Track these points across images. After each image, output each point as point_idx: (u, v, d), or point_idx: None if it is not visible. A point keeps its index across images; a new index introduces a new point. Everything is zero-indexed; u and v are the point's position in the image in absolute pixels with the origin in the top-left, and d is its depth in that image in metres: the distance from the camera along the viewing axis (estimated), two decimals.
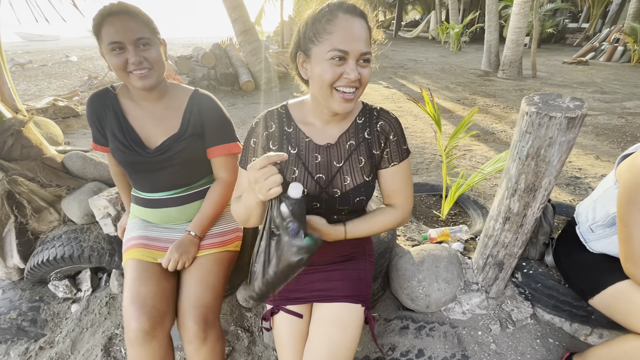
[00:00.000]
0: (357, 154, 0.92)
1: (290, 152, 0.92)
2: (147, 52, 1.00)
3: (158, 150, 1.13)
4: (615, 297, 1.05)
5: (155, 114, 1.14)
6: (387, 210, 0.97)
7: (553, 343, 1.36)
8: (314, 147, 0.92)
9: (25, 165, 1.57)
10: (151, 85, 1.03)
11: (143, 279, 1.07)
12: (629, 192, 0.95)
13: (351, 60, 0.76)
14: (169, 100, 1.15)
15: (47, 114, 4.04)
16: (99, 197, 1.57)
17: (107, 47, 0.96)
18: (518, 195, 1.16)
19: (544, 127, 0.99)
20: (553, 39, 14.46)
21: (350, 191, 0.92)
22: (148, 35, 0.99)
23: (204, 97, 1.17)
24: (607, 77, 7.22)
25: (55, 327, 1.61)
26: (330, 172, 0.92)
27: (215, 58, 6.39)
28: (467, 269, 1.49)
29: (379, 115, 0.93)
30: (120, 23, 0.95)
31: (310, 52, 0.79)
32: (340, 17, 0.75)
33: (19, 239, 1.63)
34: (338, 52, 0.75)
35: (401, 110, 4.95)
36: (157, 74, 1.04)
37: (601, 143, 3.61)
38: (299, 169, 0.92)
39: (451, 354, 1.28)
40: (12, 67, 9.16)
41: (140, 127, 1.14)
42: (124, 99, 1.14)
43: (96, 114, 1.13)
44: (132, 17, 0.97)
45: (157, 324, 0.99)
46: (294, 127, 0.93)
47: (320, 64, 0.77)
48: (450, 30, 11.77)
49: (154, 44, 1.02)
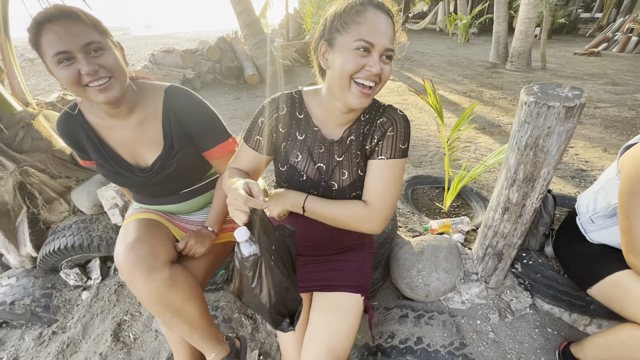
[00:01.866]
0: (355, 148, 0.93)
1: (297, 137, 0.94)
2: (102, 58, 0.84)
3: (150, 172, 1.05)
4: (613, 286, 1.06)
5: (132, 131, 1.02)
6: (357, 203, 0.90)
7: (551, 332, 1.37)
8: (321, 137, 0.94)
9: (36, 157, 1.62)
10: (115, 97, 0.88)
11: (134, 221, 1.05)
12: (631, 183, 0.95)
13: (375, 54, 0.77)
14: (143, 110, 1.01)
15: (56, 108, 4.10)
16: (106, 188, 1.61)
17: (52, 59, 0.81)
18: (517, 186, 1.16)
19: (542, 116, 0.99)
20: (565, 29, 14.09)
21: (347, 187, 0.93)
22: (98, 39, 0.84)
23: (178, 96, 1.02)
24: (620, 69, 7.04)
25: (67, 313, 1.67)
26: (331, 165, 0.94)
27: (220, 52, 6.40)
28: (467, 260, 1.51)
29: (384, 112, 0.91)
30: (62, 29, 0.79)
31: (335, 42, 0.79)
32: (369, 11, 0.77)
33: (31, 229, 1.69)
34: (364, 43, 0.76)
35: (406, 103, 4.92)
36: (119, 83, 0.89)
37: (610, 135, 3.55)
38: (302, 154, 0.94)
39: (449, 342, 1.30)
40: (21, 62, 9.29)
41: (122, 149, 1.04)
42: (93, 118, 1.01)
43: (70, 138, 1.03)
44: (74, 20, 0.81)
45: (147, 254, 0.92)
46: (305, 114, 0.94)
47: (344, 54, 0.78)
48: (458, 21, 11.56)
49: (107, 48, 0.86)
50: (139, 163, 1.07)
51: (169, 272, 0.94)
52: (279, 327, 0.78)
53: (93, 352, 1.46)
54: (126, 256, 0.91)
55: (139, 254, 0.91)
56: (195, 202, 1.23)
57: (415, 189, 2.35)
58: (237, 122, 4.41)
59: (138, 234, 0.97)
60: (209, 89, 6.09)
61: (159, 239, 1.01)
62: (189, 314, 0.98)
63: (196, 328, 1.01)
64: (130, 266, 0.90)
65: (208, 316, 1.06)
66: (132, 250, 0.91)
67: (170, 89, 1.03)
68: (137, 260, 0.90)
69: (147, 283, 0.90)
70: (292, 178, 0.95)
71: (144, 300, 0.94)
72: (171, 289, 0.93)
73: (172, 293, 0.93)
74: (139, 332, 1.54)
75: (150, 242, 0.96)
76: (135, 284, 0.91)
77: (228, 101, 5.45)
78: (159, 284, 0.91)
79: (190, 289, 0.99)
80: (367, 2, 0.78)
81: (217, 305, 1.52)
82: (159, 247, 0.98)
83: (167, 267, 0.94)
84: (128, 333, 1.54)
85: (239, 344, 1.18)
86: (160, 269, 0.92)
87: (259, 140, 0.95)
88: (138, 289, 0.91)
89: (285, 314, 0.78)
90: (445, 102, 4.89)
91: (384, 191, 0.88)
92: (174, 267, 0.97)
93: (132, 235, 0.96)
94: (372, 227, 0.89)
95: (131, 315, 1.61)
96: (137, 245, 0.93)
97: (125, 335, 1.53)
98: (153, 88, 1.03)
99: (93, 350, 1.47)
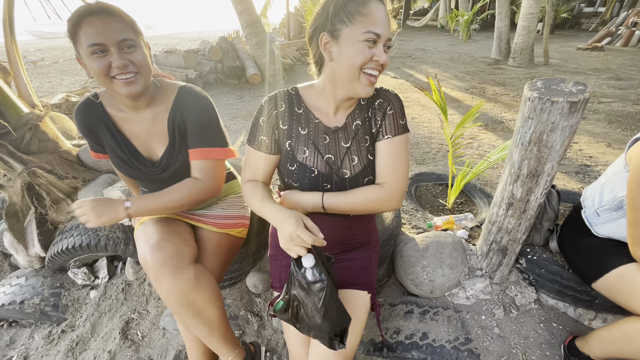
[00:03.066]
0: (363, 133, 0.95)
1: (300, 133, 0.95)
2: (133, 54, 0.91)
3: (158, 167, 1.09)
4: (618, 280, 1.06)
5: (146, 125, 1.06)
6: (372, 187, 0.93)
7: (557, 327, 1.37)
8: (323, 128, 0.94)
9: (43, 158, 1.64)
10: (137, 91, 0.94)
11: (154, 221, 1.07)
12: None
13: (380, 44, 0.80)
14: (158, 105, 1.06)
15: (61, 109, 4.14)
16: (112, 188, 1.63)
17: (87, 50, 0.87)
18: (521, 181, 1.17)
19: (546, 112, 0.99)
20: (567, 24, 13.99)
21: (360, 172, 0.94)
22: (132, 37, 0.91)
23: (189, 96, 1.05)
24: (624, 63, 6.99)
25: (75, 311, 1.69)
26: (339, 153, 0.95)
27: (222, 51, 6.42)
28: (472, 255, 1.51)
29: (378, 94, 0.95)
30: (101, 23, 0.86)
31: (340, 34, 0.80)
32: (373, 2, 0.78)
33: (40, 229, 1.72)
34: (372, 35, 0.78)
35: (409, 101, 4.91)
36: (144, 79, 0.95)
37: (614, 130, 3.53)
38: (309, 149, 0.95)
39: (454, 337, 1.31)
40: (25, 65, 9.35)
41: (137, 141, 1.08)
42: (112, 109, 1.06)
43: (86, 126, 1.07)
44: (114, 17, 0.88)
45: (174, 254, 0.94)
46: (304, 109, 0.95)
47: (353, 45, 0.79)
48: (459, 18, 11.51)
49: (139, 46, 0.93)
50: (151, 156, 1.11)
51: (193, 271, 0.95)
52: (332, 347, 0.81)
53: (102, 349, 1.48)
54: (153, 255, 0.92)
55: (165, 253, 0.93)
56: None
57: (419, 186, 2.35)
58: (240, 121, 4.43)
59: (162, 234, 0.98)
60: (211, 88, 6.11)
61: (182, 239, 1.03)
62: (209, 315, 1.00)
63: (215, 330, 1.03)
64: (157, 265, 0.91)
65: (226, 319, 1.07)
66: (158, 250, 0.93)
67: (184, 87, 1.07)
68: (164, 260, 0.92)
69: (172, 282, 0.92)
70: (303, 176, 0.95)
71: (167, 300, 0.95)
72: (194, 289, 0.95)
73: (194, 293, 0.95)
74: (146, 329, 1.56)
75: (174, 242, 0.98)
76: (161, 282, 0.92)
77: (230, 101, 5.47)
78: (183, 283, 0.93)
79: (212, 290, 1.00)
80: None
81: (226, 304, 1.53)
82: (183, 246, 1.00)
83: (192, 267, 0.96)
84: (136, 331, 1.56)
85: (253, 350, 1.19)
86: (185, 268, 0.94)
87: (263, 140, 0.95)
88: (163, 288, 0.93)
89: (338, 334, 0.81)
90: (448, 99, 4.88)
91: (396, 168, 0.92)
92: (197, 267, 0.99)
93: (155, 235, 0.98)
94: (393, 204, 0.93)
95: (139, 313, 1.63)
96: (163, 245, 0.95)
97: (134, 333, 1.55)
98: (170, 85, 1.08)
99: (102, 348, 1.49)
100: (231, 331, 1.10)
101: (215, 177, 1.07)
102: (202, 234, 1.19)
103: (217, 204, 1.29)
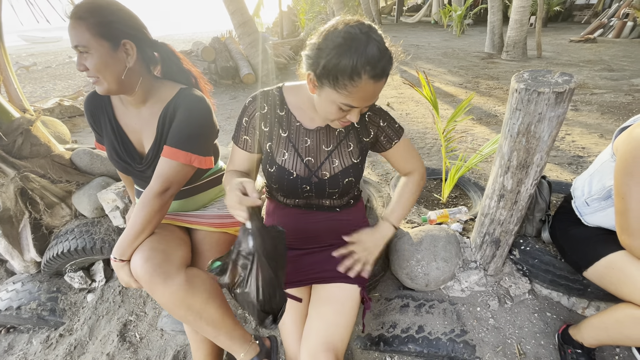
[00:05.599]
0: (347, 140, 0.96)
1: (280, 135, 0.96)
2: (87, 60, 0.92)
3: (145, 163, 1.10)
4: (608, 267, 1.08)
5: (142, 119, 1.09)
6: (408, 181, 1.11)
7: (551, 317, 1.39)
8: (304, 131, 0.95)
9: (36, 162, 1.64)
10: (104, 91, 0.98)
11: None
12: (626, 164, 0.96)
13: (357, 110, 0.80)
14: (155, 103, 1.07)
15: (53, 113, 4.13)
16: (107, 191, 1.63)
17: None
18: (511, 173, 1.18)
19: (532, 103, 1.00)
20: (560, 17, 14.04)
21: (339, 173, 0.96)
22: (84, 43, 0.90)
23: (186, 97, 1.04)
24: (616, 54, 7.03)
25: (73, 315, 1.69)
26: (319, 156, 0.96)
27: (215, 52, 6.39)
28: (466, 248, 1.52)
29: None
30: (70, 26, 0.90)
31: (323, 87, 0.77)
32: (364, 81, 0.72)
33: (34, 234, 1.71)
34: (349, 107, 0.78)
35: (402, 97, 4.92)
36: (107, 81, 0.96)
37: (606, 121, 3.55)
38: (288, 152, 0.96)
39: (450, 329, 1.33)
40: (17, 70, 9.29)
41: (133, 135, 1.12)
42: (116, 101, 1.11)
43: (91, 115, 1.12)
44: (77, 20, 0.89)
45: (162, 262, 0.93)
46: (286, 111, 0.96)
47: (328, 104, 0.78)
48: (452, 13, 11.52)
49: (92, 50, 0.91)
50: (143, 152, 1.13)
51: (184, 275, 0.95)
52: (262, 324, 0.81)
53: (100, 352, 1.49)
54: (142, 267, 0.93)
55: (154, 263, 0.93)
56: (196, 200, 1.25)
57: None
58: (234, 121, 4.40)
59: (151, 244, 0.98)
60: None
61: (173, 245, 1.03)
62: (210, 316, 0.99)
63: (220, 329, 1.02)
64: (147, 276, 0.92)
65: (231, 316, 1.06)
66: (147, 261, 0.93)
67: (185, 89, 1.08)
68: (153, 269, 0.92)
69: (165, 290, 0.92)
70: (282, 178, 0.97)
71: (166, 307, 0.95)
72: (189, 292, 0.94)
73: (190, 296, 0.95)
74: (144, 331, 1.56)
75: (164, 250, 0.98)
76: (154, 291, 0.93)
77: (224, 101, 5.45)
78: (177, 288, 0.93)
79: (209, 290, 1.00)
80: (363, 71, 0.70)
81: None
82: (172, 252, 1.00)
83: (183, 271, 0.96)
84: (134, 333, 1.56)
85: (269, 344, 1.19)
86: (175, 274, 0.94)
87: (246, 140, 0.98)
88: (158, 296, 0.94)
89: (270, 312, 0.81)
90: (442, 94, 4.89)
91: (413, 159, 1.09)
92: (190, 270, 0.99)
93: (144, 246, 0.98)
94: (424, 180, 1.14)
95: (136, 315, 1.64)
96: (152, 255, 0.95)
97: (132, 335, 1.56)
98: (172, 86, 1.10)
99: (100, 350, 1.50)
100: (240, 327, 1.09)
101: (166, 179, 1.00)
102: (199, 236, 1.19)
103: (213, 204, 1.29)
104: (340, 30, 0.72)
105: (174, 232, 1.11)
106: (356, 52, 0.69)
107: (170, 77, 1.14)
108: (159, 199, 0.99)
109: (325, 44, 0.73)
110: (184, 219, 1.21)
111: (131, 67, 0.98)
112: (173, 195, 1.04)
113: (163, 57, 1.11)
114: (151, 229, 1.00)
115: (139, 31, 1.01)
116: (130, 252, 0.97)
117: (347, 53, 0.69)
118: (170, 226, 1.14)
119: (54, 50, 15.21)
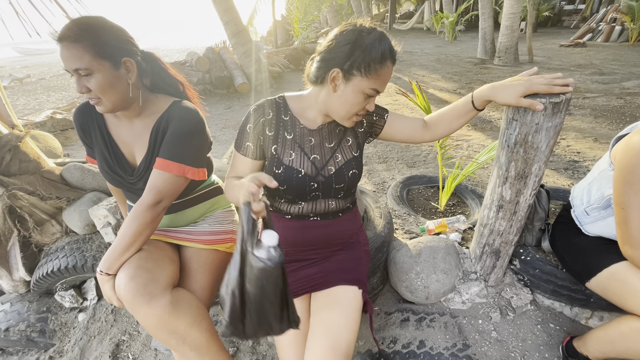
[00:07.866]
0: (346, 135, 1.04)
1: (286, 137, 1.00)
2: (89, 82, 0.91)
3: (136, 175, 1.08)
4: (611, 279, 1.06)
5: (134, 132, 1.08)
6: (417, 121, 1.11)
7: (554, 328, 1.36)
8: (308, 131, 1.01)
9: (25, 179, 1.60)
10: (106, 110, 0.97)
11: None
12: (624, 173, 0.95)
13: (375, 97, 0.91)
14: (148, 116, 1.06)
15: (45, 127, 4.08)
16: (98, 207, 1.59)
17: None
18: (509, 183, 1.16)
19: (529, 113, 0.99)
20: (549, 22, 14.30)
21: (344, 166, 1.01)
22: (85, 65, 0.88)
23: (179, 109, 1.03)
24: (606, 58, 7.14)
25: (63, 336, 1.64)
26: (324, 153, 1.01)
27: (209, 62, 6.40)
28: (465, 259, 1.50)
29: None
30: (64, 50, 0.88)
31: (352, 78, 0.86)
32: (387, 66, 0.87)
33: (24, 252, 1.66)
34: (376, 92, 0.89)
35: (397, 104, 4.94)
36: (109, 101, 0.95)
37: (600, 125, 3.58)
38: (295, 152, 0.99)
39: (452, 344, 1.29)
40: (10, 83, 9.22)
41: (125, 147, 1.10)
42: (107, 114, 1.09)
43: (81, 127, 1.10)
44: (71, 42, 0.87)
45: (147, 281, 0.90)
46: (290, 116, 1.01)
47: (357, 94, 0.88)
48: (444, 19, 11.68)
49: (96, 72, 0.90)
50: (134, 164, 1.11)
51: (170, 297, 0.91)
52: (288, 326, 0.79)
53: None
54: (126, 285, 0.89)
55: (138, 282, 0.89)
56: (186, 214, 1.22)
57: (410, 189, 2.35)
58: (230, 131, 4.40)
59: (138, 262, 0.95)
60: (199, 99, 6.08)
61: (160, 263, 1.00)
62: (194, 340, 0.95)
63: (204, 355, 0.98)
64: (129, 296, 0.88)
65: (217, 341, 1.02)
66: (131, 280, 0.90)
67: (178, 102, 1.07)
68: (137, 289, 0.89)
69: (148, 311, 0.88)
70: (290, 177, 0.99)
71: (148, 329, 0.92)
72: (172, 315, 0.91)
73: (174, 319, 0.91)
74: (137, 351, 1.51)
75: (149, 269, 0.94)
76: (137, 312, 0.89)
77: (219, 111, 5.44)
78: (160, 310, 0.89)
79: (194, 314, 0.96)
80: (388, 56, 0.85)
81: (217, 320, 1.49)
82: (159, 272, 0.96)
83: (168, 292, 0.92)
84: (127, 353, 1.51)
85: None
86: (160, 295, 0.90)
87: (249, 147, 1.00)
88: (140, 317, 0.90)
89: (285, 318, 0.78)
90: (436, 101, 4.92)
91: (410, 116, 1.12)
92: (176, 292, 0.95)
93: (130, 263, 0.94)
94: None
95: (129, 334, 1.59)
96: (137, 274, 0.91)
97: (124, 355, 1.50)
98: (165, 98, 1.10)
99: None
100: (226, 353, 1.06)
101: (159, 191, 0.97)
102: (188, 253, 1.16)
103: (204, 219, 1.26)
104: (355, 30, 0.86)
105: (163, 250, 1.08)
106: (380, 43, 0.85)
107: (158, 85, 1.13)
108: (150, 211, 0.96)
109: (357, 41, 0.85)
110: (174, 235, 1.17)
111: (133, 83, 0.99)
112: (165, 208, 1.02)
113: (152, 66, 1.10)
114: (141, 242, 0.97)
115: (131, 44, 1.00)
116: (118, 266, 0.93)
117: (376, 44, 0.84)
118: (159, 242, 1.10)
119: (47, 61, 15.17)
